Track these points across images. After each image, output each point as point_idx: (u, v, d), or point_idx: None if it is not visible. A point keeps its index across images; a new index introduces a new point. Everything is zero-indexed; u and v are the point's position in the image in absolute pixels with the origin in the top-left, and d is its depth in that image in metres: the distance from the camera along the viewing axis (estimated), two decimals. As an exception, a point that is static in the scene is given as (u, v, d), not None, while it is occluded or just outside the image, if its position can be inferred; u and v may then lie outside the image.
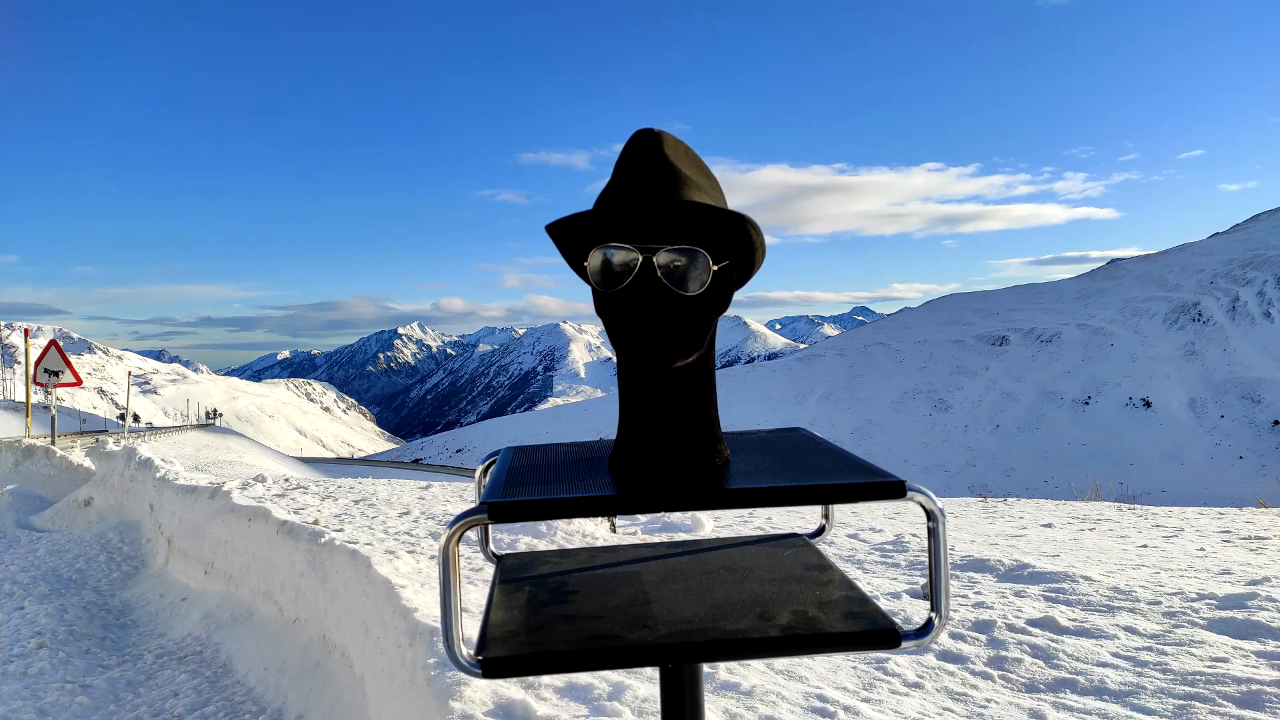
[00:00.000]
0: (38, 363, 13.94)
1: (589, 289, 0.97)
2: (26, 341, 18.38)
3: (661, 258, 0.89)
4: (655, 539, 3.57)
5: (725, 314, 0.99)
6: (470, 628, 1.81)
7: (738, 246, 0.94)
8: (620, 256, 0.90)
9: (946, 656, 2.78)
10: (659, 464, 0.94)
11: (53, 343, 14.35)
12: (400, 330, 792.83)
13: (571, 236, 0.97)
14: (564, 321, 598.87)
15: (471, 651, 0.84)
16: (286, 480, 9.20)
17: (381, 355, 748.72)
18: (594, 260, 0.92)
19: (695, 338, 0.93)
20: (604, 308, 0.94)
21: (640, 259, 0.90)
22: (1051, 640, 2.86)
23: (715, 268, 0.92)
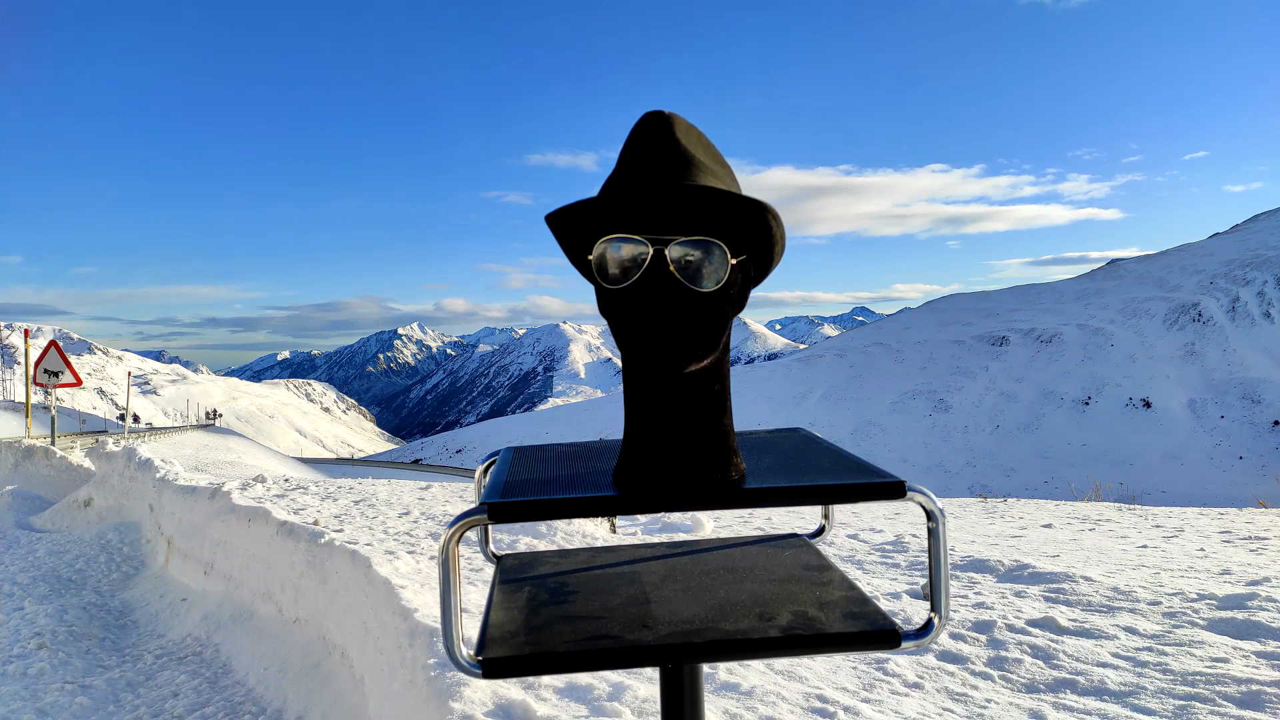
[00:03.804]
0: (37, 363, 13.94)
1: (592, 286, 0.88)
2: (26, 342, 18.38)
3: (674, 250, 0.81)
4: (655, 539, 3.57)
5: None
6: (470, 628, 1.80)
7: (756, 238, 0.85)
8: (628, 249, 0.82)
9: (946, 657, 2.78)
10: (669, 479, 0.86)
11: (52, 343, 14.35)
12: (400, 331, 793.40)
13: (573, 228, 0.87)
14: (564, 322, 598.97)
15: (471, 652, 0.84)
16: (286, 481, 9.20)
17: (381, 356, 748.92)
18: (599, 254, 0.83)
19: (710, 339, 0.84)
20: (610, 306, 0.84)
21: (651, 252, 0.81)
22: (1051, 640, 2.86)
23: (733, 261, 0.83)
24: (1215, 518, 6.83)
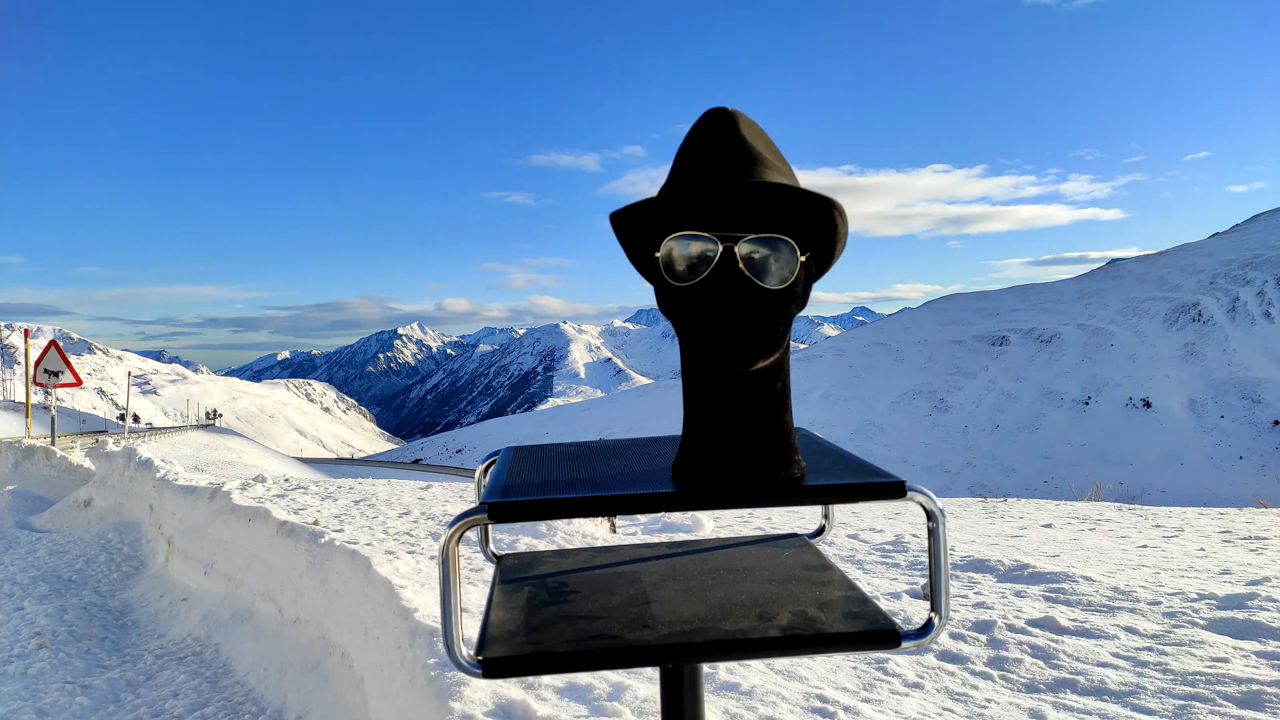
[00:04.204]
0: (37, 363, 13.94)
1: (651, 285, 0.88)
2: (26, 342, 18.37)
3: (744, 248, 0.81)
4: (655, 539, 3.57)
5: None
6: (470, 628, 1.80)
7: (820, 235, 0.85)
8: (697, 246, 0.82)
9: (946, 656, 2.78)
10: (733, 475, 0.87)
11: (52, 343, 14.35)
12: (400, 330, 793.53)
13: (637, 227, 0.87)
14: (564, 322, 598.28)
15: (471, 651, 0.84)
16: (286, 480, 9.20)
17: (381, 355, 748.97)
18: (666, 251, 0.83)
19: (776, 336, 0.84)
20: (675, 304, 0.84)
21: (720, 249, 0.81)
22: (1051, 640, 2.86)
23: (802, 259, 0.84)
24: (1215, 517, 6.83)
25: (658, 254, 0.84)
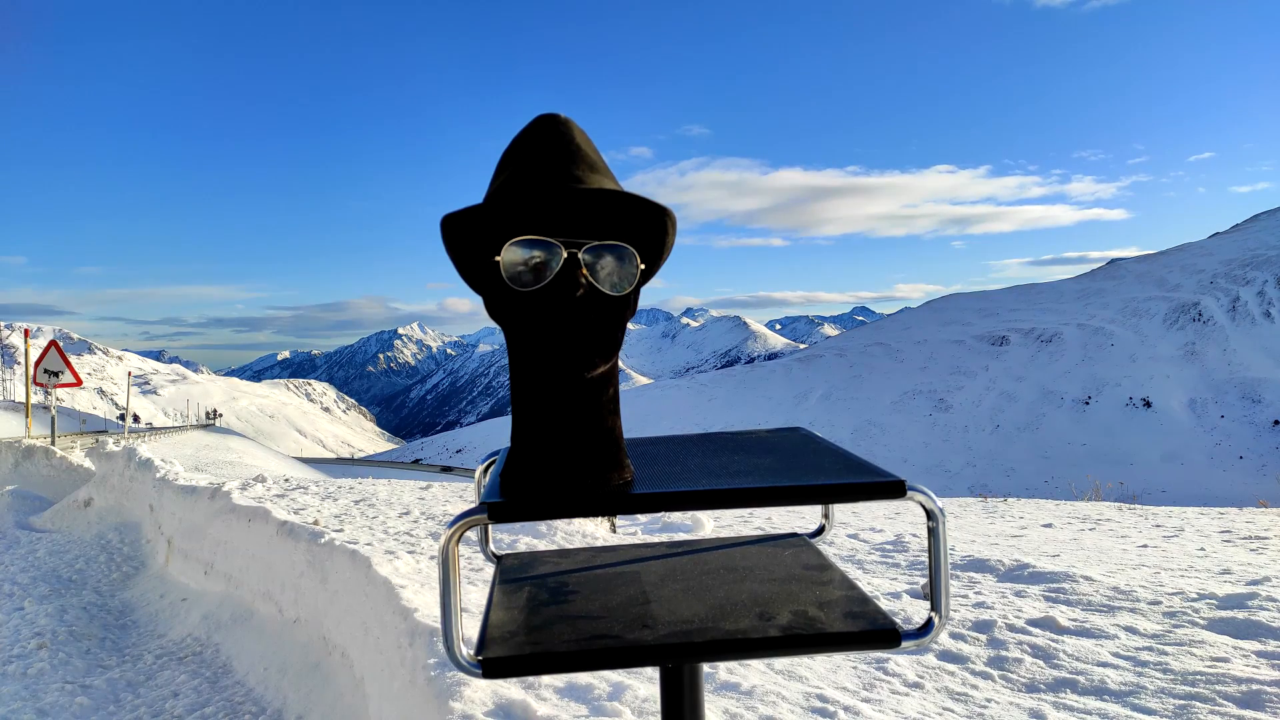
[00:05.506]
0: (37, 363, 13.94)
1: (480, 294, 0.85)
2: (26, 342, 18.37)
3: (587, 255, 0.81)
4: (655, 539, 3.57)
5: (725, 314, 0.88)
6: (470, 628, 1.80)
7: (651, 242, 0.85)
8: (540, 252, 0.80)
9: (946, 656, 2.78)
10: (567, 484, 0.85)
11: (52, 343, 14.34)
12: (400, 330, 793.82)
13: (470, 230, 0.84)
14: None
15: (471, 652, 0.84)
16: (286, 480, 9.20)
17: (381, 355, 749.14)
18: (508, 256, 0.80)
19: (615, 342, 0.85)
20: (514, 310, 0.83)
21: (565, 255, 0.80)
22: (1052, 640, 2.86)
23: (643, 267, 0.84)
24: (1215, 517, 6.83)
25: (498, 258, 0.81)
